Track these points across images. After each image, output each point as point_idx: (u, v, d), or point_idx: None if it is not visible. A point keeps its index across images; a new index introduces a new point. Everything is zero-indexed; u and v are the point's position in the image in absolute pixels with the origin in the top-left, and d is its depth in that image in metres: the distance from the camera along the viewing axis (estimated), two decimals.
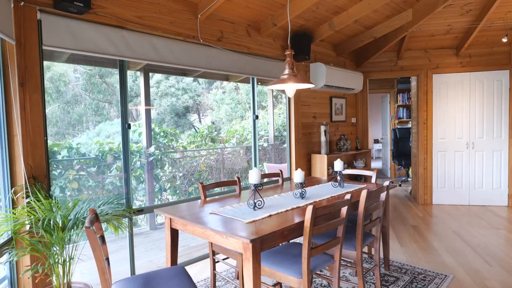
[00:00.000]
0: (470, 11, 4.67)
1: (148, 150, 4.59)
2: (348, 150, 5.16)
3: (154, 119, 13.68)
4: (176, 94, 14.03)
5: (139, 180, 4.81)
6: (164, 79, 13.60)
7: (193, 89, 14.34)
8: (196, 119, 14.73)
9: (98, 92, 12.76)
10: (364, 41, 5.06)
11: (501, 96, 5.59)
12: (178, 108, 14.29)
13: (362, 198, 2.40)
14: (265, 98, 7.09)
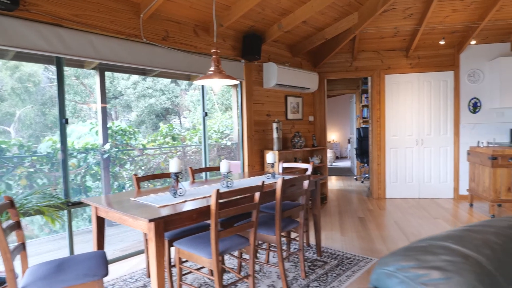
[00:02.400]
0: (412, 15, 4.95)
1: (103, 147, 4.68)
2: (302, 147, 5.36)
3: (134, 121, 13.66)
4: (153, 96, 14.05)
5: (95, 177, 4.90)
6: (141, 80, 13.61)
7: (171, 91, 14.39)
8: (177, 121, 14.76)
9: (74, 94, 12.68)
10: (317, 42, 5.28)
11: (447, 95, 5.91)
12: (157, 110, 14.31)
13: (278, 186, 2.58)
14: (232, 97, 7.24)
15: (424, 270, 0.62)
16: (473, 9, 4.85)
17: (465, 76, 5.87)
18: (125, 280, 2.97)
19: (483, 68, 5.82)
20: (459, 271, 0.60)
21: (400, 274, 0.63)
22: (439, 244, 0.70)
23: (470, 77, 5.87)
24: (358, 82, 8.87)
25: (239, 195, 2.24)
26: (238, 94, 4.77)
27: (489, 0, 4.63)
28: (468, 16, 5.01)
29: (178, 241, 2.44)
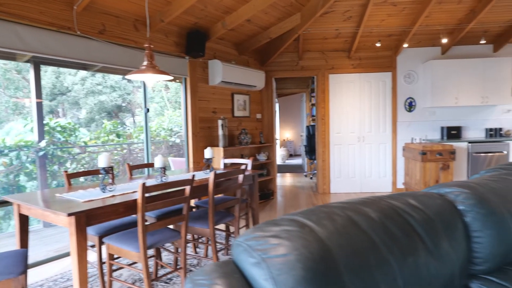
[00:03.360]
0: (351, 17, 5.22)
1: (38, 145, 4.45)
2: (249, 144, 5.45)
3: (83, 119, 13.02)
4: (104, 92, 13.48)
5: (30, 176, 4.65)
6: (90, 76, 13.01)
7: (122, 87, 13.89)
8: (131, 119, 14.28)
9: (15, 89, 11.85)
10: (262, 41, 5.39)
11: (385, 95, 6.29)
12: (108, 107, 13.75)
13: (210, 180, 2.63)
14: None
15: (263, 239, 0.69)
16: (405, 14, 5.21)
17: (401, 77, 6.29)
18: (56, 280, 2.87)
19: (418, 70, 6.27)
20: (290, 238, 0.69)
21: (244, 243, 0.71)
22: (288, 218, 0.78)
23: (406, 78, 6.30)
24: (307, 81, 9.15)
25: (167, 189, 2.26)
26: (183, 91, 4.75)
27: (418, 7, 5.00)
28: (401, 20, 5.37)
29: (108, 237, 2.41)
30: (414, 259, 0.81)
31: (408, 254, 0.81)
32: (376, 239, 0.78)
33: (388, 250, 0.78)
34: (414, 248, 0.83)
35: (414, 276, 0.79)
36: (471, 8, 5.11)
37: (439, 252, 0.87)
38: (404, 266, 0.78)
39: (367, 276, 0.72)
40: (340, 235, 0.74)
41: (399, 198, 0.99)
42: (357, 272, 0.70)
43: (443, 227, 0.93)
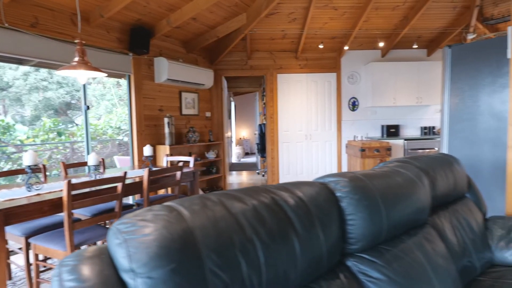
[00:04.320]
0: (295, 19, 5.41)
1: None
2: (197, 142, 5.47)
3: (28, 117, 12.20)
4: (50, 89, 12.74)
5: None
6: (33, 71, 12.24)
7: (70, 84, 13.21)
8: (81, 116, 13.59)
9: None
10: (210, 40, 5.43)
11: (331, 94, 6.59)
12: (55, 104, 13.01)
13: (144, 177, 2.64)
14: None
15: (132, 222, 0.76)
16: (346, 18, 5.49)
17: (345, 78, 6.61)
18: None
19: (360, 71, 6.63)
20: (155, 220, 0.76)
21: (114, 227, 0.77)
22: (165, 204, 0.85)
23: (349, 79, 6.63)
24: (260, 81, 9.32)
25: (95, 186, 2.24)
26: (127, 88, 4.66)
27: (357, 11, 5.30)
28: (343, 24, 5.66)
29: (34, 237, 2.34)
30: (281, 240, 0.91)
31: (275, 236, 0.91)
32: (244, 222, 0.87)
33: (253, 232, 0.87)
34: (283, 230, 0.93)
35: (279, 256, 0.90)
36: (404, 14, 5.50)
37: (308, 235, 0.98)
38: (269, 247, 0.88)
39: (230, 254, 0.80)
40: (206, 218, 0.82)
41: (282, 187, 1.09)
42: (218, 250, 0.78)
43: (318, 212, 1.04)
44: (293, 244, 0.94)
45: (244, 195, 0.98)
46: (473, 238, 1.76)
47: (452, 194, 1.83)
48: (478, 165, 2.61)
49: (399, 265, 1.17)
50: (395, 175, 1.40)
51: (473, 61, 2.62)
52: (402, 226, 1.30)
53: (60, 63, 3.74)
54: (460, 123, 2.73)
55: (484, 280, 1.63)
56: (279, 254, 0.89)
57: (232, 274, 0.79)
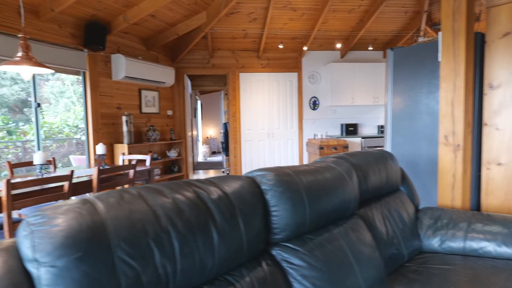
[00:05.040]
0: (256, 19, 5.48)
1: None
2: (158, 141, 5.41)
3: None
4: (3, 85, 12.05)
5: None
6: None
7: (26, 80, 12.54)
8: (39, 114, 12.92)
9: None
10: (170, 37, 5.38)
11: (292, 94, 6.73)
12: (9, 102, 12.31)
13: (94, 175, 2.60)
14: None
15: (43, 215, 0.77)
16: (305, 19, 5.64)
17: (306, 78, 6.78)
18: None
19: (320, 71, 6.82)
20: (65, 212, 0.78)
21: (25, 220, 0.78)
22: (82, 197, 0.87)
23: (310, 79, 6.81)
24: (225, 79, 9.32)
25: (37, 185, 2.18)
26: (82, 86, 4.53)
27: (316, 13, 5.46)
28: (302, 25, 5.80)
29: None
30: (199, 231, 0.96)
31: (193, 227, 0.95)
32: (161, 213, 0.91)
33: (170, 223, 0.91)
34: (202, 221, 0.98)
35: (196, 246, 0.94)
36: (360, 17, 5.73)
37: (228, 226, 1.03)
38: (186, 237, 0.93)
39: (142, 243, 0.84)
40: (120, 210, 0.85)
41: (208, 182, 1.14)
42: (130, 239, 0.82)
43: (240, 204, 1.10)
44: (211, 234, 0.99)
45: (166, 189, 1.02)
46: (403, 228, 1.90)
47: (385, 187, 1.96)
48: (417, 161, 2.79)
49: (320, 253, 1.26)
50: (325, 170, 1.49)
51: (413, 63, 2.80)
52: (328, 217, 1.39)
53: (6, 58, 3.58)
54: (401, 121, 2.91)
55: (410, 266, 1.76)
56: (195, 244, 0.94)
57: (144, 262, 0.83)
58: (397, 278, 1.62)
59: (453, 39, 2.21)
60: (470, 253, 1.81)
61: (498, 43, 2.23)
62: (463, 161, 2.24)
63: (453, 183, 2.27)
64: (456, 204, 2.27)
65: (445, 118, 2.29)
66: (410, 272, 1.67)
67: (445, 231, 1.92)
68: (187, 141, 6.32)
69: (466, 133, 2.25)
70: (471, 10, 2.21)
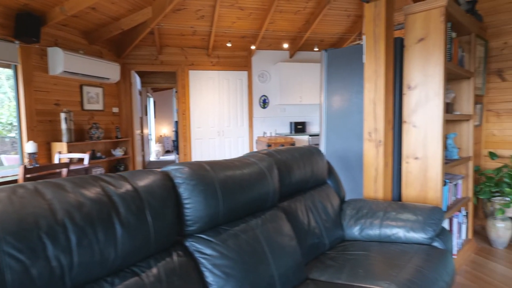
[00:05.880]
0: (203, 16, 5.47)
1: None
2: (101, 139, 5.21)
3: None
4: None
5: None
6: None
7: None
8: None
9: None
10: (114, 32, 5.20)
11: (242, 92, 6.80)
12: None
13: (20, 175, 2.46)
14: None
15: None
16: (253, 19, 5.72)
17: (256, 76, 6.88)
18: None
19: (270, 70, 6.95)
20: None
21: None
22: None
23: (260, 77, 6.92)
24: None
25: None
26: (14, 80, 4.25)
27: (263, 13, 5.56)
28: (250, 24, 5.88)
29: None
30: (100, 224, 0.97)
31: (93, 220, 0.96)
32: (57, 207, 0.91)
33: (67, 216, 0.91)
34: (104, 215, 0.99)
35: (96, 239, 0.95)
36: (306, 19, 5.93)
37: (134, 219, 1.05)
38: (85, 230, 0.93)
39: (32, 237, 0.84)
40: (8, 204, 0.84)
41: (118, 176, 1.15)
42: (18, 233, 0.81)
43: (149, 197, 1.12)
44: (114, 227, 1.00)
45: (69, 183, 1.01)
46: (326, 219, 2.02)
47: (310, 181, 2.07)
48: (349, 156, 2.97)
49: (233, 243, 1.31)
50: (245, 165, 1.55)
51: (344, 64, 2.97)
52: (245, 209, 1.46)
53: None
54: (335, 119, 3.07)
55: (330, 253, 1.88)
56: (95, 237, 0.95)
57: (33, 255, 0.83)
58: (315, 264, 1.73)
59: (374, 43, 2.38)
60: (385, 239, 1.98)
61: (415, 48, 2.44)
62: (384, 156, 2.43)
63: (375, 176, 2.45)
64: (379, 195, 2.45)
65: (369, 116, 2.47)
66: (328, 259, 1.79)
67: (365, 220, 2.07)
68: (135, 140, 6.16)
69: (387, 129, 2.44)
70: (390, 17, 2.39)
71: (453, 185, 2.86)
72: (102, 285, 0.98)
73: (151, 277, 1.06)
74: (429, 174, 2.41)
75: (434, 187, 2.39)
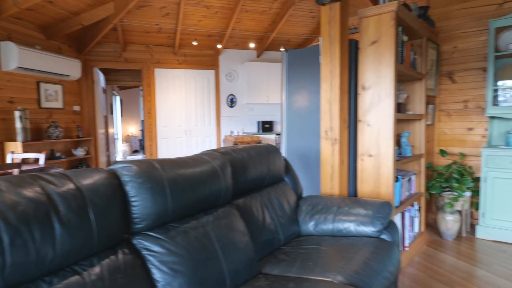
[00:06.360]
0: (168, 14, 5.40)
1: None
2: (61, 138, 5.02)
3: None
4: None
5: None
6: None
7: None
8: None
9: None
10: (74, 27, 5.02)
11: (210, 91, 6.78)
12: None
13: None
14: None
15: None
16: (219, 18, 5.72)
17: (223, 75, 6.88)
18: None
19: (237, 70, 6.97)
20: None
21: None
22: None
23: (227, 77, 6.92)
24: None
25: None
26: None
27: (229, 12, 5.57)
28: (217, 23, 5.87)
29: None
30: (37, 223, 0.96)
31: (29, 219, 0.94)
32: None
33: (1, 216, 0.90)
34: (42, 214, 0.97)
35: (32, 238, 0.94)
36: (272, 19, 6.00)
37: (76, 217, 1.04)
38: (19, 230, 0.92)
39: None
40: None
41: (60, 175, 1.13)
42: None
43: (92, 196, 1.11)
44: (52, 226, 0.99)
45: (4, 182, 0.99)
46: (282, 215, 2.07)
47: (266, 178, 2.11)
48: (309, 154, 3.05)
49: (182, 239, 1.33)
50: (197, 164, 1.56)
51: (304, 64, 3.05)
52: (195, 206, 1.47)
53: None
54: (295, 118, 3.15)
55: (284, 248, 1.93)
56: (31, 236, 0.93)
57: None
58: (269, 259, 1.77)
59: (330, 44, 2.46)
60: (337, 233, 2.06)
61: (368, 50, 2.55)
62: (340, 154, 2.52)
63: (331, 173, 2.54)
64: (335, 192, 2.54)
65: (325, 115, 2.55)
66: (282, 253, 1.84)
67: (319, 216, 2.15)
68: (98, 139, 5.98)
69: (342, 128, 2.54)
70: (345, 20, 2.48)
71: (406, 181, 3.01)
72: (39, 284, 0.96)
73: (93, 276, 1.05)
74: (382, 171, 2.53)
75: (386, 183, 2.51)
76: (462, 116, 3.70)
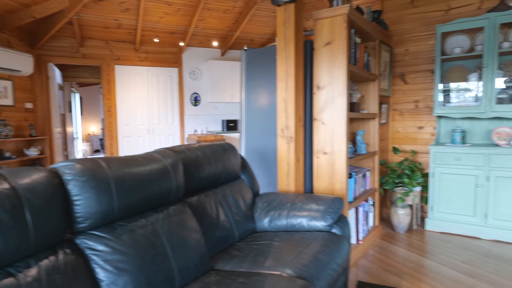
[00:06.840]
0: (128, 9, 5.26)
1: None
2: (10, 137, 4.75)
3: None
4: None
5: None
6: None
7: None
8: None
9: None
10: (25, 20, 4.76)
11: (173, 89, 6.68)
12: None
13: None
14: None
15: None
16: (181, 15, 5.64)
17: (187, 73, 6.80)
18: None
19: (201, 68, 6.92)
20: None
21: None
22: None
23: (191, 75, 6.85)
24: None
25: None
26: None
27: (191, 9, 5.52)
28: (179, 20, 5.79)
29: None
30: None
31: None
32: None
33: None
34: None
35: None
36: (235, 18, 6.01)
37: (9, 218, 1.01)
38: None
39: None
40: None
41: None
42: None
43: (29, 196, 1.08)
44: None
45: None
46: (237, 212, 2.10)
47: (222, 176, 2.13)
48: (267, 152, 3.11)
49: (129, 237, 1.32)
50: (147, 162, 1.55)
51: (262, 64, 3.09)
52: (144, 204, 1.46)
53: None
54: (254, 117, 3.19)
55: (239, 244, 1.96)
56: None
57: None
58: (222, 256, 1.79)
59: (285, 44, 2.52)
60: (290, 228, 2.11)
61: (323, 51, 2.63)
62: (295, 151, 2.58)
63: (287, 171, 2.60)
64: (291, 188, 2.61)
65: (281, 114, 2.61)
66: (235, 250, 1.87)
67: (274, 212, 2.19)
68: (53, 138, 5.71)
69: (298, 126, 2.60)
70: (300, 21, 2.55)
71: (361, 177, 3.14)
72: None
73: (29, 277, 1.02)
74: (336, 168, 2.63)
75: (340, 179, 2.61)
76: (413, 116, 3.92)
